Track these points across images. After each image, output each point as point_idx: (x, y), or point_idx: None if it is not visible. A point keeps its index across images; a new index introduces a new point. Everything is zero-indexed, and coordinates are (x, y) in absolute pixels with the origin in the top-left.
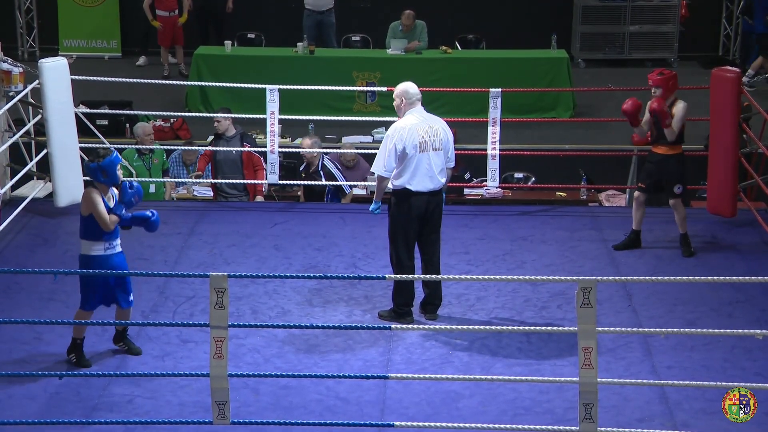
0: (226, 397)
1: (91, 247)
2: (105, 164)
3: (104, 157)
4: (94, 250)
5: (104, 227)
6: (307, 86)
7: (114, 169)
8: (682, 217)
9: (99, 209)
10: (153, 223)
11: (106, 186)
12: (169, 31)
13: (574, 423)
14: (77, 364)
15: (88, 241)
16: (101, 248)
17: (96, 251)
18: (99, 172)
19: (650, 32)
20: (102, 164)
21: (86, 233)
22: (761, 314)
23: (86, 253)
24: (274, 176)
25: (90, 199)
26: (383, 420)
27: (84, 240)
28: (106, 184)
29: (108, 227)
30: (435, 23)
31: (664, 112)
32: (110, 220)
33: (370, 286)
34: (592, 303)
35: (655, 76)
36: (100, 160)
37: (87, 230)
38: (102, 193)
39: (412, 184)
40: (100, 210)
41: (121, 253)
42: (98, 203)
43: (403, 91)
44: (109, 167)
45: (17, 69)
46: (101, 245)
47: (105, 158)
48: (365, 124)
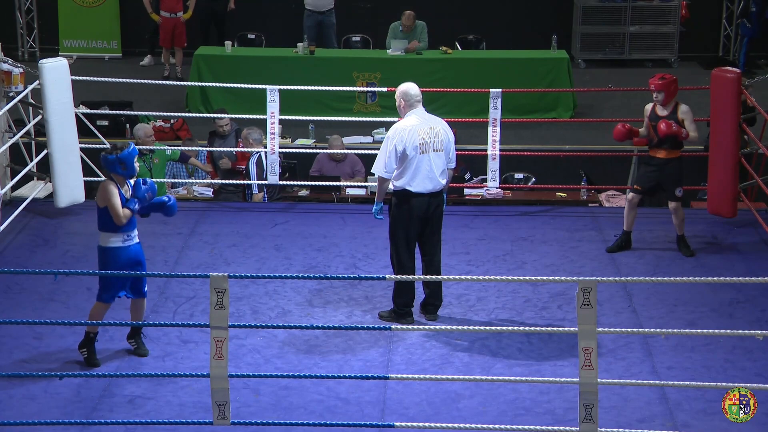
0: (226, 398)
1: (110, 239)
2: (124, 156)
3: (122, 149)
4: (112, 241)
5: (117, 221)
6: (307, 87)
7: (132, 161)
8: (681, 219)
9: (114, 202)
10: (170, 207)
11: (123, 178)
12: (169, 32)
13: (574, 423)
14: (87, 361)
15: (107, 233)
16: (120, 240)
17: (115, 243)
18: (117, 164)
19: (650, 33)
20: (121, 156)
21: (104, 225)
22: (761, 314)
23: (105, 245)
24: (274, 177)
25: (106, 191)
26: (383, 420)
27: (103, 232)
28: (124, 176)
29: (121, 221)
30: (435, 24)
31: (677, 131)
32: (124, 215)
33: (370, 287)
34: (592, 303)
35: (657, 81)
36: (118, 152)
37: (105, 222)
38: (119, 185)
39: (412, 186)
40: (114, 203)
41: (138, 244)
42: (114, 195)
43: (403, 92)
44: (127, 159)
45: (17, 69)
46: (120, 236)
47: (123, 150)
48: (365, 124)
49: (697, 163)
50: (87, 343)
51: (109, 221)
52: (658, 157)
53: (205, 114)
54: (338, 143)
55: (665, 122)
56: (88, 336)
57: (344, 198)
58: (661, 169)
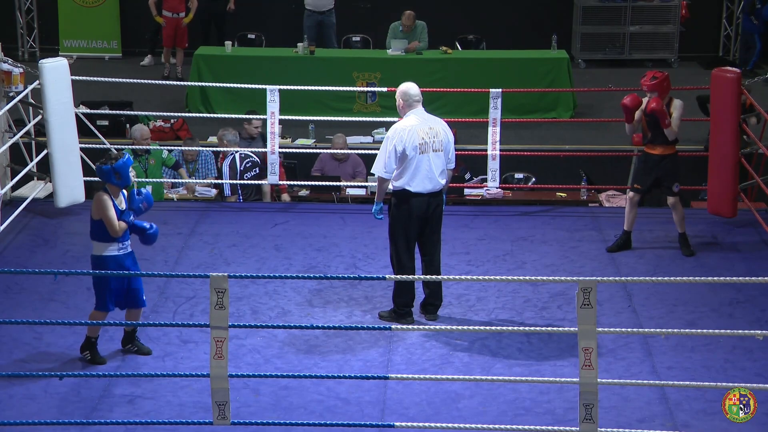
0: (226, 398)
1: (106, 248)
2: (118, 166)
3: (117, 159)
4: (108, 250)
5: (112, 233)
6: (307, 86)
7: (126, 171)
8: (680, 216)
9: (109, 215)
10: (150, 236)
11: (117, 188)
12: (171, 32)
13: (574, 423)
14: (91, 362)
15: (102, 242)
16: (115, 249)
17: (110, 252)
18: (112, 174)
19: (650, 32)
20: (115, 166)
21: (98, 236)
22: (761, 314)
23: (100, 254)
24: (274, 176)
25: (101, 204)
26: (383, 420)
27: (97, 242)
28: (119, 186)
29: (116, 233)
30: (435, 23)
31: (664, 112)
32: (119, 227)
33: (370, 287)
34: (592, 303)
35: (649, 82)
36: (113, 162)
37: (99, 233)
38: (113, 196)
39: (411, 186)
40: (110, 216)
41: (132, 253)
42: (109, 208)
43: (403, 92)
44: (122, 169)
45: (17, 69)
46: (115, 246)
47: (118, 160)
48: (365, 124)
49: (697, 163)
50: (88, 346)
51: (103, 231)
52: (653, 153)
53: (204, 114)
54: (341, 141)
55: (656, 99)
56: (90, 340)
57: (344, 198)
58: (657, 165)
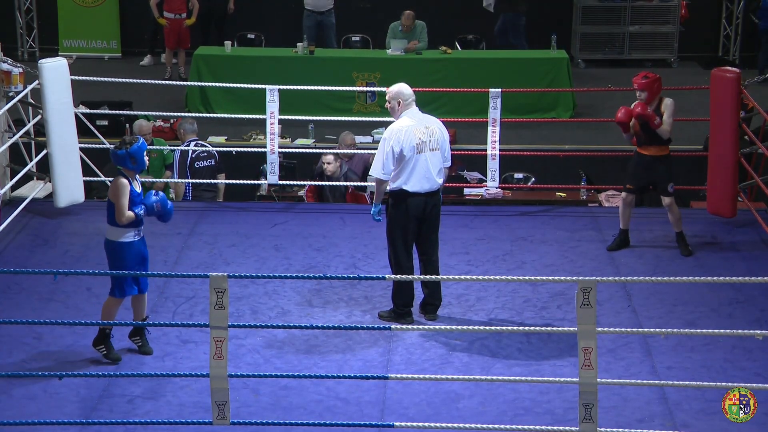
0: (225, 398)
1: (123, 234)
2: (133, 150)
3: (132, 144)
4: (125, 237)
5: (118, 219)
6: (307, 86)
7: (141, 155)
8: (677, 217)
9: (121, 202)
10: (167, 212)
11: (133, 173)
12: (174, 33)
13: (574, 423)
14: (107, 356)
15: (119, 227)
16: (132, 235)
17: (128, 238)
18: (128, 158)
19: (650, 32)
20: (130, 151)
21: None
22: (761, 314)
23: (117, 239)
24: (273, 177)
25: (118, 189)
26: (383, 420)
27: (113, 227)
28: (135, 171)
29: (122, 221)
30: (435, 23)
31: (650, 115)
32: (126, 217)
33: (369, 287)
34: (592, 303)
35: (640, 80)
36: (128, 146)
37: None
38: (131, 180)
39: (408, 185)
40: (122, 203)
41: (144, 238)
42: (124, 195)
43: (398, 93)
44: (137, 153)
45: (17, 69)
46: (132, 231)
47: (133, 144)
48: (365, 124)
49: (697, 163)
50: (103, 339)
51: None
52: (646, 154)
53: (204, 114)
54: (349, 139)
55: (640, 104)
56: (103, 332)
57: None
58: (651, 166)
